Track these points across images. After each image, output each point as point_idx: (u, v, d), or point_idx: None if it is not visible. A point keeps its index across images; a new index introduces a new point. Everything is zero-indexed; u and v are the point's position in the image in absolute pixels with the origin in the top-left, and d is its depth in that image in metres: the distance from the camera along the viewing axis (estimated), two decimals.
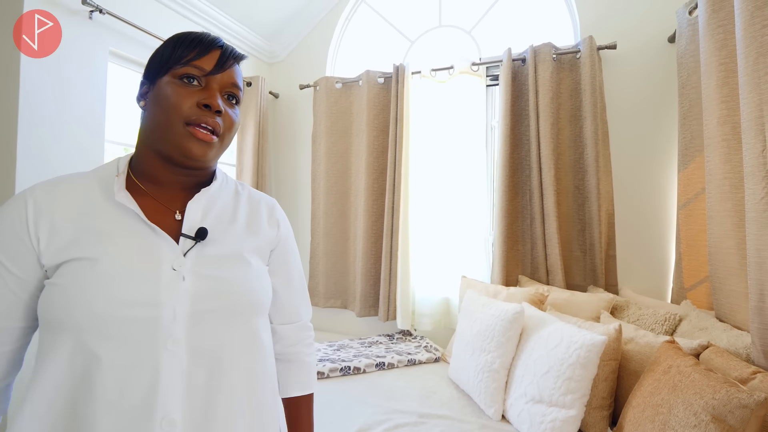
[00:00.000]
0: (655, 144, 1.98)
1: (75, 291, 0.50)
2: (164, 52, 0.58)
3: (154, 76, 0.58)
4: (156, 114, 0.56)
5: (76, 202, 0.55)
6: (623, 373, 1.39)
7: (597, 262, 2.00)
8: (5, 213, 0.53)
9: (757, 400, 0.87)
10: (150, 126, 0.57)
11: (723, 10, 1.32)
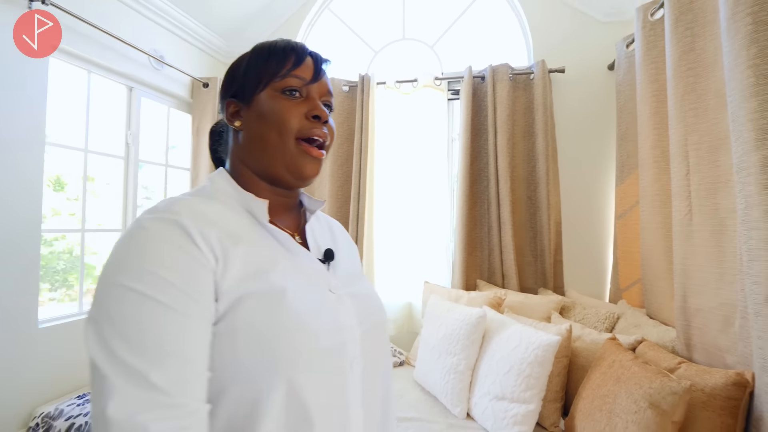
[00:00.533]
0: (596, 161, 2.23)
1: (276, 328, 0.44)
2: (257, 66, 0.54)
3: (248, 94, 0.53)
4: (262, 132, 0.52)
5: (228, 227, 0.48)
6: (572, 368, 1.56)
7: (547, 266, 2.20)
8: (155, 231, 0.43)
9: (684, 387, 1.05)
10: (254, 146, 0.53)
11: (656, 49, 1.54)
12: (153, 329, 0.38)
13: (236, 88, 0.55)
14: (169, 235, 0.42)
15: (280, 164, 0.52)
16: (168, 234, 0.42)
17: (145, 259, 0.41)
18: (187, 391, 0.38)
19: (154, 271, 0.40)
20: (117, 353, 0.37)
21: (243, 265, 0.45)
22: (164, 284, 0.40)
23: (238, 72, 0.55)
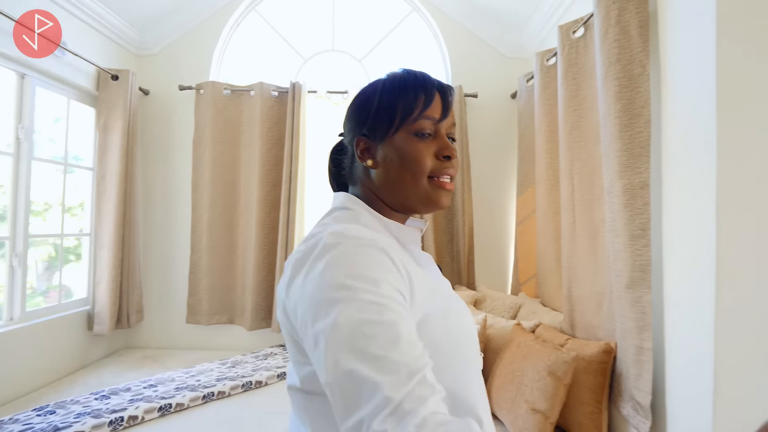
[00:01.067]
0: (501, 175, 2.63)
1: (451, 344, 0.49)
2: (388, 107, 0.55)
3: (380, 134, 0.56)
4: (397, 171, 0.55)
5: (398, 254, 0.50)
6: (487, 352, 1.87)
7: (462, 266, 2.53)
8: (366, 254, 0.45)
9: (572, 357, 1.38)
10: (388, 184, 0.57)
11: (549, 88, 1.92)
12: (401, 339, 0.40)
13: (367, 127, 0.57)
14: (378, 256, 0.45)
15: (415, 200, 0.56)
16: (377, 256, 0.45)
17: (369, 274, 0.43)
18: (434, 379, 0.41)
19: (382, 287, 0.43)
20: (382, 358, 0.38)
21: (420, 286, 0.49)
22: (393, 298, 0.43)
23: (368, 109, 0.57)
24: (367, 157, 0.57)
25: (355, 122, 0.59)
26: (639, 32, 1.26)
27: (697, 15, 1.08)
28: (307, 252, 0.48)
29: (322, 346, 0.40)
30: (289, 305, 0.48)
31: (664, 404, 1.19)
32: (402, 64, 2.64)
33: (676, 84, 1.17)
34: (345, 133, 0.62)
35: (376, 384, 0.36)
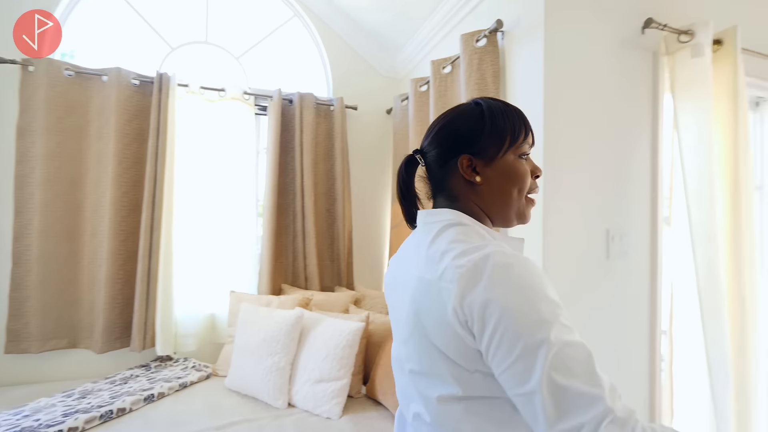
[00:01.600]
0: (378, 183, 2.89)
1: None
2: (502, 131, 0.64)
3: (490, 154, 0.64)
4: (504, 187, 0.65)
5: None
6: (369, 346, 2.07)
7: (342, 268, 2.69)
8: (535, 269, 0.55)
9: None
10: (494, 198, 0.65)
11: (422, 112, 2.23)
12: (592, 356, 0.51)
13: (478, 148, 0.65)
14: (544, 275, 0.56)
15: (513, 213, 0.66)
16: (543, 275, 0.56)
17: (552, 297, 0.54)
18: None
19: (562, 308, 0.54)
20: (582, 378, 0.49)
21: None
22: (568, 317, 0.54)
23: (477, 132, 0.64)
24: (476, 174, 0.65)
25: (459, 143, 0.65)
26: (493, 80, 1.62)
27: (531, 79, 1.46)
28: (477, 269, 0.53)
29: (536, 359, 0.48)
30: (472, 315, 0.52)
31: None
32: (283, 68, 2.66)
33: None
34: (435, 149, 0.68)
35: (593, 396, 0.46)
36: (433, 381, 0.58)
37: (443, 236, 0.62)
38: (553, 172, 1.42)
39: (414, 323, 0.60)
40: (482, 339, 0.52)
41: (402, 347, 0.66)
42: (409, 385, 0.64)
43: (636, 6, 1.56)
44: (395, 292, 0.71)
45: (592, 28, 1.49)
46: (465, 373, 0.55)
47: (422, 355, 0.58)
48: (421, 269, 0.61)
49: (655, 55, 1.59)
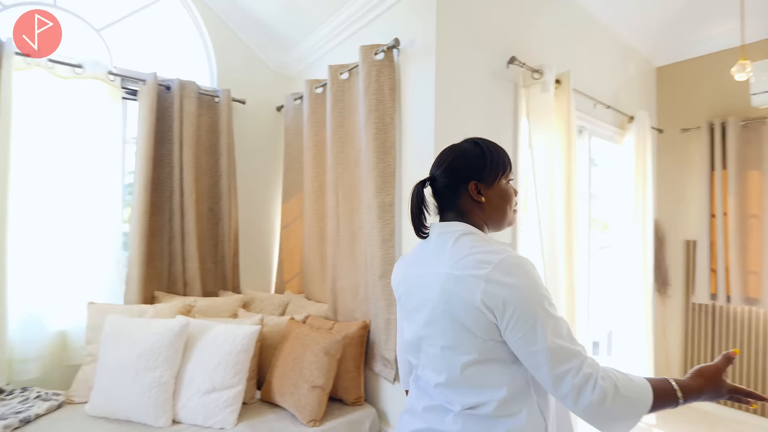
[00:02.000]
0: (267, 182, 2.81)
1: None
2: (497, 164, 0.90)
3: (491, 180, 0.89)
4: (501, 207, 0.91)
5: None
6: (263, 349, 2.03)
7: (227, 271, 2.55)
8: (534, 267, 0.81)
9: (342, 336, 1.76)
10: (494, 214, 0.91)
11: (317, 113, 2.28)
12: (569, 329, 0.78)
13: (478, 175, 0.89)
14: (535, 266, 0.82)
15: (506, 222, 0.93)
16: (535, 266, 0.82)
17: (545, 286, 0.80)
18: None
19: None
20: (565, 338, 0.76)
21: None
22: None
23: (482, 164, 0.89)
24: (480, 196, 0.89)
25: (468, 171, 0.89)
26: (389, 93, 1.77)
27: (423, 95, 1.66)
28: (498, 268, 0.77)
29: (542, 329, 0.74)
30: (496, 304, 0.76)
31: None
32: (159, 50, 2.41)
33: (411, 135, 1.74)
34: (448, 175, 0.90)
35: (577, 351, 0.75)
36: (458, 351, 0.81)
37: (462, 242, 0.85)
38: None
39: (444, 309, 0.82)
40: (503, 318, 0.77)
41: (424, 329, 0.88)
42: (439, 360, 0.85)
43: (503, 45, 1.90)
44: (414, 286, 0.91)
45: (472, 58, 1.76)
46: (482, 342, 0.80)
47: (449, 333, 0.82)
48: (447, 267, 0.83)
49: (516, 86, 1.95)
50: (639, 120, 2.70)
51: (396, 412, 1.76)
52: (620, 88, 2.80)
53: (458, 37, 1.70)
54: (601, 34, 2.64)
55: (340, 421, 1.72)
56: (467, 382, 0.82)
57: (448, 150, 0.94)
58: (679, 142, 3.12)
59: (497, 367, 0.81)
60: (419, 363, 0.92)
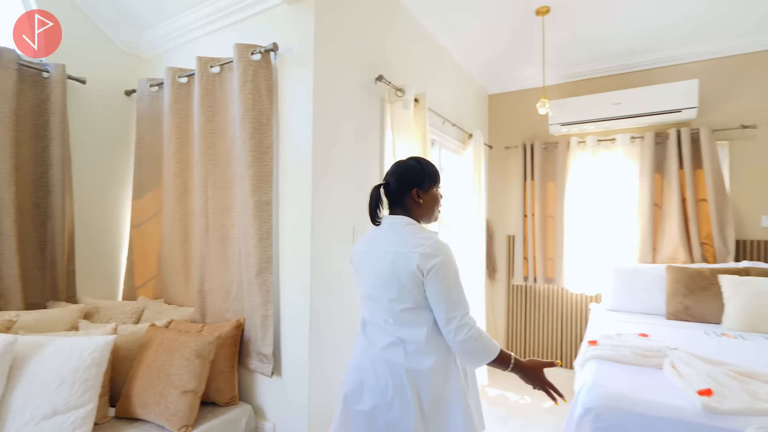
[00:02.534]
0: (113, 175, 2.48)
1: None
2: (432, 176, 1.32)
3: (426, 188, 1.31)
4: (431, 206, 1.33)
5: None
6: (115, 362, 1.84)
7: (59, 278, 2.19)
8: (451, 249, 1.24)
9: (215, 337, 1.74)
10: (426, 212, 1.32)
11: (180, 104, 2.14)
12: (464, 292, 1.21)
13: (419, 184, 1.29)
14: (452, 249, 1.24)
15: (433, 219, 1.36)
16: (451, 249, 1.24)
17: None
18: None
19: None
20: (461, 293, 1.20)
21: None
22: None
23: (421, 177, 1.29)
24: (419, 199, 1.30)
25: (412, 180, 1.29)
26: (267, 94, 1.82)
27: (300, 98, 1.77)
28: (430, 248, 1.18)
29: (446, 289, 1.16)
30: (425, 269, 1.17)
31: (280, 351, 1.80)
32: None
33: (289, 137, 1.82)
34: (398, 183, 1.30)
35: (465, 306, 1.19)
36: (400, 302, 1.22)
37: (406, 229, 1.26)
38: (319, 180, 1.77)
39: (391, 274, 1.22)
40: (427, 279, 1.18)
41: (377, 288, 1.27)
42: (386, 309, 1.25)
43: (373, 63, 2.13)
44: (370, 259, 1.30)
45: (345, 71, 1.94)
46: (415, 295, 1.20)
47: (394, 290, 1.22)
48: (396, 246, 1.24)
49: (382, 101, 2.21)
50: (476, 137, 3.30)
51: (274, 405, 1.83)
52: (462, 109, 3.37)
53: (334, 51, 1.86)
54: (450, 64, 3.14)
55: (214, 423, 1.70)
56: (404, 321, 1.23)
57: (399, 164, 1.34)
58: (503, 156, 3.91)
59: (422, 311, 1.22)
60: (371, 313, 1.31)
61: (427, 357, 1.20)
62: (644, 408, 1.52)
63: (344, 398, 1.28)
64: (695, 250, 3.05)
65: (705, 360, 1.76)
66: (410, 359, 1.20)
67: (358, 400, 1.25)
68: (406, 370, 1.19)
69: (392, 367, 1.21)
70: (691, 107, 2.98)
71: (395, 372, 1.20)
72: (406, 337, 1.21)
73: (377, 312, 1.28)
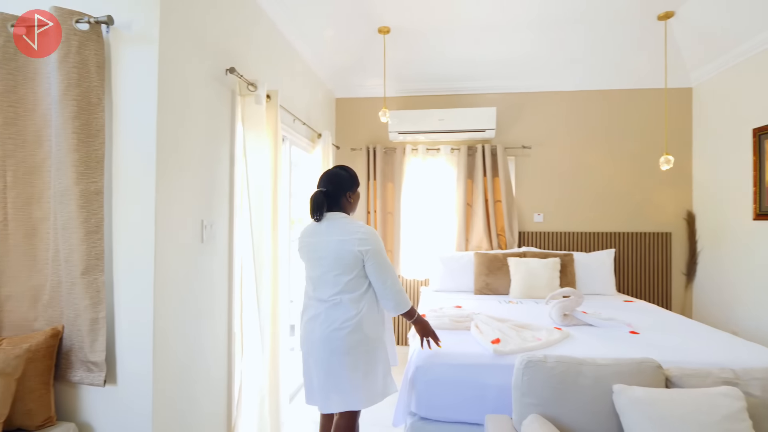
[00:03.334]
0: None
1: None
2: (357, 181, 1.95)
3: (355, 189, 1.93)
4: (356, 204, 1.97)
5: None
6: None
7: None
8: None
9: (23, 350, 1.46)
10: (355, 206, 1.97)
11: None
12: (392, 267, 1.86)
13: (349, 188, 1.90)
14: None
15: (353, 212, 1.96)
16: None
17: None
18: None
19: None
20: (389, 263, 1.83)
21: None
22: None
23: (350, 183, 1.90)
24: (351, 198, 1.92)
25: (344, 186, 1.88)
26: (96, 71, 1.62)
27: (142, 81, 1.64)
28: (364, 234, 1.77)
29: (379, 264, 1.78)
30: (363, 251, 1.75)
31: (114, 357, 1.63)
32: None
33: (126, 121, 1.66)
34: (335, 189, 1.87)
35: (394, 274, 1.81)
36: (344, 275, 1.77)
37: (344, 221, 1.83)
38: (165, 171, 1.67)
39: (337, 256, 1.77)
40: (365, 257, 1.76)
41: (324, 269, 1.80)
42: (331, 282, 1.79)
43: (224, 54, 2.09)
44: (315, 248, 1.83)
45: (196, 59, 1.87)
46: (354, 268, 1.78)
47: (339, 268, 1.77)
48: (337, 236, 1.78)
49: (233, 93, 2.19)
50: (325, 137, 3.50)
51: (107, 419, 1.63)
52: (312, 110, 3.53)
53: (182, 36, 1.78)
54: (302, 64, 3.26)
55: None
56: (345, 289, 1.78)
57: (333, 174, 1.89)
58: (350, 157, 4.23)
59: (361, 279, 1.80)
60: (314, 289, 1.85)
61: (357, 308, 1.77)
62: (457, 359, 1.95)
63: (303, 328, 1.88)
64: (494, 240, 3.91)
65: (497, 319, 2.33)
66: (347, 310, 1.76)
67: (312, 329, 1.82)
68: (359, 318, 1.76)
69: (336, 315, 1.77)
70: (491, 128, 3.80)
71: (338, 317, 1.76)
72: (345, 299, 1.78)
73: (322, 288, 1.82)
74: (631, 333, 2.26)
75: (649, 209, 3.93)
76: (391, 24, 3.39)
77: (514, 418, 1.55)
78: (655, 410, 1.33)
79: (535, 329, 2.23)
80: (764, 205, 3.04)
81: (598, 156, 3.97)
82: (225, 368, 2.14)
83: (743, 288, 3.25)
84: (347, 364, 1.74)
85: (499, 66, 3.83)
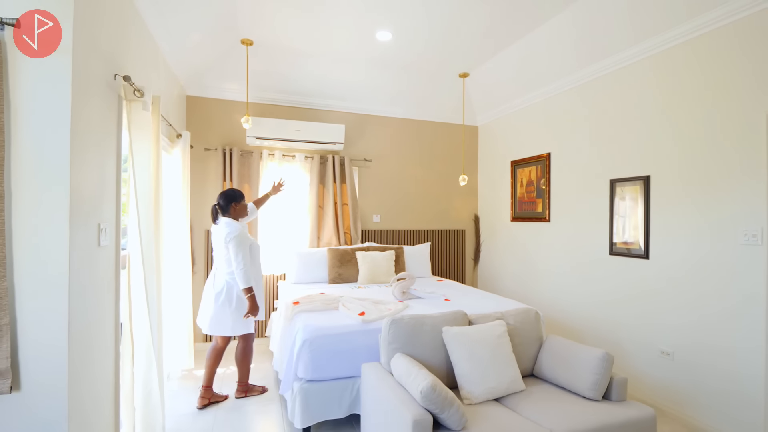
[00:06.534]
0: None
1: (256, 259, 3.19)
2: (240, 198, 3.11)
3: (238, 200, 3.09)
4: (241, 213, 3.13)
5: (243, 229, 3.14)
6: None
7: None
8: (240, 228, 3.03)
9: None
10: (239, 214, 3.11)
11: None
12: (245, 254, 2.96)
13: (235, 201, 3.06)
14: (244, 230, 3.07)
15: (240, 218, 3.14)
16: (244, 230, 3.07)
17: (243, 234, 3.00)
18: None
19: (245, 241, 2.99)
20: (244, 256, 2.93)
21: (247, 239, 3.03)
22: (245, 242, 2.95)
23: (233, 198, 3.06)
24: (235, 208, 3.06)
25: (232, 200, 3.05)
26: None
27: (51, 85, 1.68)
28: (232, 230, 2.93)
29: (235, 252, 2.88)
30: (227, 242, 2.91)
31: (18, 365, 1.62)
32: None
33: (31, 124, 1.66)
34: (224, 202, 3.04)
35: (241, 261, 2.88)
36: (222, 256, 2.99)
37: (227, 222, 2.99)
38: (69, 174, 1.74)
39: (223, 245, 2.95)
40: (228, 247, 2.91)
41: (220, 253, 3.00)
42: (224, 261, 2.99)
43: (112, 59, 2.15)
44: (216, 240, 3.01)
45: (91, 61, 1.92)
46: (226, 252, 2.98)
47: (225, 252, 2.96)
48: (225, 231, 2.94)
49: (120, 98, 2.25)
50: (185, 137, 3.58)
51: (18, 424, 1.61)
52: (170, 108, 3.55)
53: (77, 39, 1.84)
54: (164, 63, 3.28)
55: None
56: (225, 264, 2.97)
57: (225, 193, 3.05)
58: (203, 157, 4.30)
59: (230, 260, 2.96)
60: (218, 267, 3.03)
61: (230, 277, 2.97)
62: (334, 330, 2.58)
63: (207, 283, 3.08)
64: (341, 237, 4.66)
65: (358, 298, 3.06)
66: (231, 279, 2.95)
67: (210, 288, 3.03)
68: (228, 283, 2.97)
69: (225, 281, 2.97)
70: (340, 142, 4.53)
71: (226, 283, 2.97)
72: (230, 272, 2.96)
73: (221, 266, 3.00)
74: (446, 300, 3.32)
75: (451, 212, 5.35)
76: (255, 38, 3.73)
77: (382, 361, 2.29)
78: (464, 338, 2.26)
79: (386, 303, 3.05)
80: (517, 211, 4.69)
81: (417, 171, 5.18)
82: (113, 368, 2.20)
83: (505, 266, 4.89)
84: (223, 305, 3.00)
85: (348, 89, 4.60)
